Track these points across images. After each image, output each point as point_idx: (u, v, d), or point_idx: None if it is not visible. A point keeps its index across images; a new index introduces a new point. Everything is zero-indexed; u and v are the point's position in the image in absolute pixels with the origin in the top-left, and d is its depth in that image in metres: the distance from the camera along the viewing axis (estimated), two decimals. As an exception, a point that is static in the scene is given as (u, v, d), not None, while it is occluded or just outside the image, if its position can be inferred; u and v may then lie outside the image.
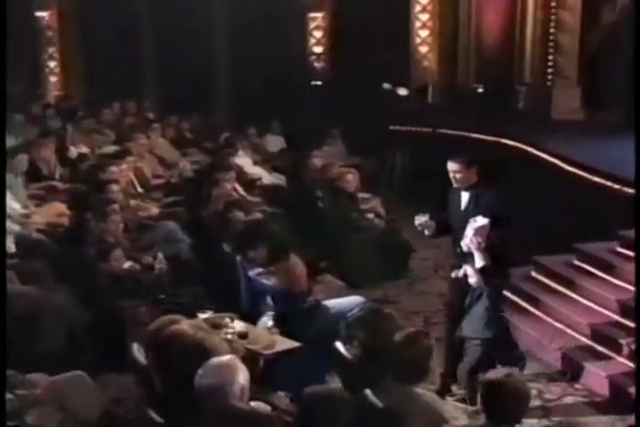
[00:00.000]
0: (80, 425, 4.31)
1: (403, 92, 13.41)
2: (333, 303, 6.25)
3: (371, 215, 9.15)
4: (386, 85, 13.37)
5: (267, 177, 10.75)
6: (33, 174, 8.97)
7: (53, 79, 16.09)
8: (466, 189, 5.59)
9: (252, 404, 4.08)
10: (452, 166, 5.57)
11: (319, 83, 14.82)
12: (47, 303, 5.97)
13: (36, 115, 13.33)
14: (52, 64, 16.07)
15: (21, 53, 15.20)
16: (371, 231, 8.82)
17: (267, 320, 5.94)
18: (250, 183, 10.09)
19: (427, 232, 5.74)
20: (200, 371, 3.88)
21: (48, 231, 7.52)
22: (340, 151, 12.29)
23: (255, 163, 11.19)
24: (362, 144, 12.21)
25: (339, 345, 4.91)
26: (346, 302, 6.25)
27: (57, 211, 7.99)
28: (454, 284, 5.79)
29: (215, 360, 3.95)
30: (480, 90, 13.12)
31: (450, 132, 11.71)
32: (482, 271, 5.46)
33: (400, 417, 3.99)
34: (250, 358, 4.90)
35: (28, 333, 5.71)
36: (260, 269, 6.21)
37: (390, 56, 13.48)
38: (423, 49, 13.94)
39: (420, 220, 5.67)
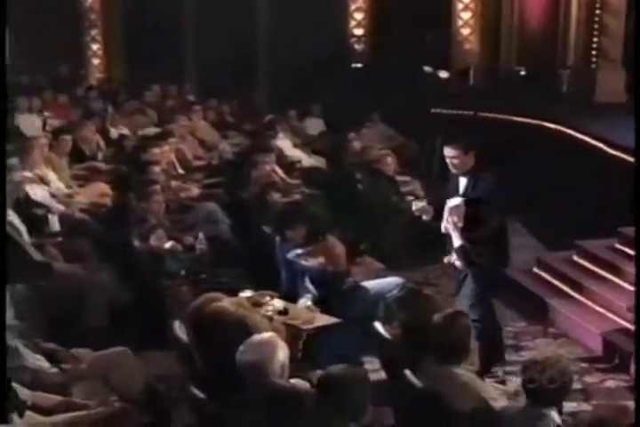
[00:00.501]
0: (123, 400, 4.38)
1: (444, 74, 13.33)
2: (373, 284, 6.26)
3: (411, 198, 9.11)
4: (427, 68, 13.30)
5: (306, 159, 10.76)
6: (76, 155, 9.11)
7: (96, 62, 16.21)
8: (463, 175, 5.51)
9: (292, 381, 4.13)
10: (448, 152, 5.47)
11: (359, 65, 14.74)
12: (91, 282, 6.06)
13: (79, 96, 13.49)
14: (95, 47, 16.19)
15: (64, 36, 15.37)
16: (411, 214, 8.76)
17: (306, 301, 5.97)
18: (289, 166, 10.11)
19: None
20: (241, 348, 3.92)
21: (91, 211, 7.61)
22: (379, 134, 12.24)
23: (295, 145, 11.20)
24: (402, 127, 12.16)
25: (378, 326, 4.93)
26: (385, 283, 6.27)
27: (100, 191, 8.09)
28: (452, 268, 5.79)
29: (256, 337, 3.99)
30: (522, 73, 12.99)
31: (491, 115, 11.60)
32: (463, 252, 5.41)
33: (439, 397, 4.00)
34: (290, 336, 4.94)
35: (73, 310, 5.80)
36: (299, 251, 6.22)
37: (431, 38, 13.37)
38: (465, 31, 13.80)
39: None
